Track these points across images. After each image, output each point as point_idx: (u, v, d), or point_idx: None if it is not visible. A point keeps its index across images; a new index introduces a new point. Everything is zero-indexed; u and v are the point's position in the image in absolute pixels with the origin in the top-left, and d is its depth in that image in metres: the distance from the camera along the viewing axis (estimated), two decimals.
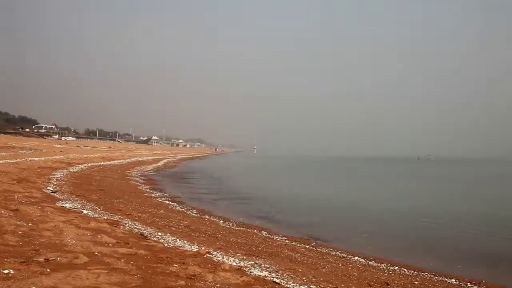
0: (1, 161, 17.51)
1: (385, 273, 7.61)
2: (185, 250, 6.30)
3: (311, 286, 5.20)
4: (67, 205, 9.26)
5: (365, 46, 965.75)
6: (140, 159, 44.49)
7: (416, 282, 7.07)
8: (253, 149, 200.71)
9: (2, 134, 70.53)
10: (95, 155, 35.23)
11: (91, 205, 10.11)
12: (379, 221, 14.15)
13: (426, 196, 24.46)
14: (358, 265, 8.02)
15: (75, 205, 9.45)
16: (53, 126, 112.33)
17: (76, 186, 14.13)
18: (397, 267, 8.22)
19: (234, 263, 5.71)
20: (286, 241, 9.85)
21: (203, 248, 6.62)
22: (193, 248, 6.52)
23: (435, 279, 7.59)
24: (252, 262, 6.06)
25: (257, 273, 5.30)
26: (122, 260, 4.87)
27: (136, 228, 7.78)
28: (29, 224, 6.25)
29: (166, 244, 6.49)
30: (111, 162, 32.10)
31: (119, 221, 8.16)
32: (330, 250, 9.36)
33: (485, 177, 47.23)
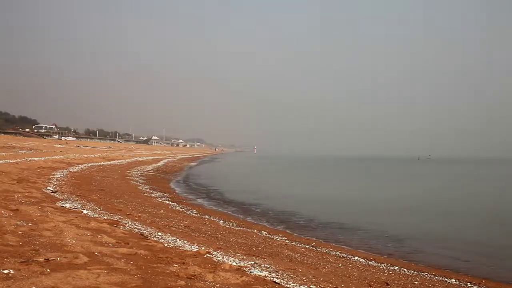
0: (1, 161, 17.50)
1: (385, 273, 7.61)
2: (185, 250, 6.30)
3: (311, 286, 5.19)
4: (67, 205, 9.25)
5: (365, 46, 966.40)
6: (140, 159, 44.46)
7: (416, 282, 7.07)
8: (253, 149, 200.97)
9: (2, 134, 70.52)
10: (95, 155, 35.20)
11: (91, 205, 10.10)
12: None
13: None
14: (358, 265, 8.02)
15: (75, 205, 9.44)
16: (53, 126, 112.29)
17: (76, 186, 14.12)
18: (397, 267, 8.22)
19: (234, 263, 5.70)
20: (286, 241, 9.86)
21: (203, 248, 6.61)
22: (193, 248, 6.51)
23: (435, 279, 7.60)
24: (252, 262, 6.06)
25: (257, 273, 5.29)
26: (122, 260, 4.87)
27: (136, 228, 7.77)
28: (29, 224, 6.24)
29: (166, 244, 6.48)
30: (111, 162, 32.07)
31: (119, 221, 8.15)
32: (330, 250, 9.37)
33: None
